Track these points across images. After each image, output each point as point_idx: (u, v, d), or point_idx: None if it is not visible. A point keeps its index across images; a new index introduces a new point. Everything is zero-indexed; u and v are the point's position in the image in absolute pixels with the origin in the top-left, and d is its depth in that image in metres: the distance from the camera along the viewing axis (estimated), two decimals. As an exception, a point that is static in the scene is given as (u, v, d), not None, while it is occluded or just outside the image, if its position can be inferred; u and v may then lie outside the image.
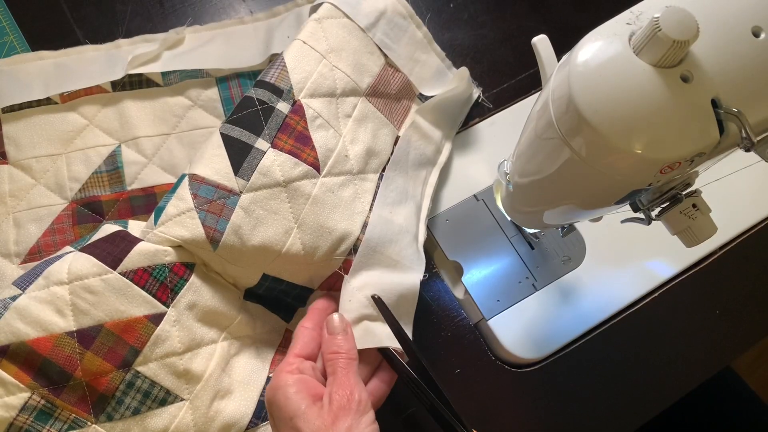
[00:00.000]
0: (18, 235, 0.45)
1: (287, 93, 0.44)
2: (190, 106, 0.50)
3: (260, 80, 0.44)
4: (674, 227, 0.31)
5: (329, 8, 0.48)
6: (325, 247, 0.43)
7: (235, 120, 0.42)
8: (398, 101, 0.52)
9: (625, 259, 0.51)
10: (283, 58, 0.45)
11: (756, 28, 0.26)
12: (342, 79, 0.47)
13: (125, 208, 0.47)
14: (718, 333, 0.48)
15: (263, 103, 0.43)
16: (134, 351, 0.37)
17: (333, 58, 0.47)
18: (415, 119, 0.50)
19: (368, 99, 0.49)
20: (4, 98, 0.47)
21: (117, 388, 0.37)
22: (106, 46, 0.51)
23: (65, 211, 0.46)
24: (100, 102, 0.49)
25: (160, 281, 0.39)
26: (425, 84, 0.53)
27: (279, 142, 0.42)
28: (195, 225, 0.39)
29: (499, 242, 0.51)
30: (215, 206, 0.40)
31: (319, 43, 0.46)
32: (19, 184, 0.47)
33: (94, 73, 0.49)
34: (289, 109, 0.44)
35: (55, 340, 0.36)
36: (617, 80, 0.26)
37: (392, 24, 0.51)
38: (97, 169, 0.47)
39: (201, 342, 0.40)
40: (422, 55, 0.53)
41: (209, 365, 0.40)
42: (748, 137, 0.25)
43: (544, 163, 0.33)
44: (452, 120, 0.53)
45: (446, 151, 0.52)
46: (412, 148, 0.50)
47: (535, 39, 0.36)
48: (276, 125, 0.43)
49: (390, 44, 0.51)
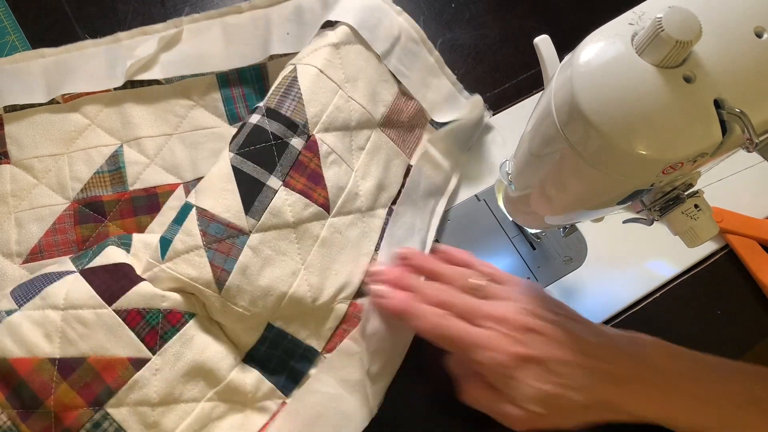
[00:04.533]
0: (20, 235, 0.45)
1: (302, 128, 0.43)
2: (192, 105, 0.50)
3: (275, 111, 0.42)
4: (676, 228, 0.31)
5: (347, 33, 0.46)
6: (331, 290, 0.43)
7: (247, 154, 0.41)
8: (411, 129, 0.51)
9: (626, 259, 0.51)
10: (299, 88, 0.43)
11: (759, 28, 0.26)
12: (357, 111, 0.46)
13: (127, 209, 0.47)
14: (719, 333, 0.48)
15: (277, 138, 0.42)
16: (109, 391, 0.36)
17: (349, 88, 0.46)
18: (427, 149, 0.49)
19: (382, 130, 0.48)
20: (6, 98, 0.47)
21: (83, 426, 0.36)
22: (106, 39, 0.51)
23: (67, 211, 0.46)
24: (102, 102, 0.49)
25: (151, 326, 0.38)
26: (437, 110, 0.52)
27: (291, 181, 0.42)
28: (203, 264, 0.39)
29: (500, 242, 0.51)
30: (224, 245, 0.39)
31: (336, 72, 0.45)
32: (21, 184, 0.47)
33: (95, 75, 0.49)
34: (303, 145, 0.43)
35: (36, 364, 0.36)
36: (620, 80, 0.26)
37: (406, 50, 0.50)
38: (99, 169, 0.47)
39: (179, 398, 0.38)
40: (434, 80, 0.52)
41: (181, 424, 0.38)
42: (750, 138, 0.25)
43: (546, 163, 0.33)
44: (463, 146, 0.52)
45: (455, 179, 0.51)
46: (423, 178, 0.49)
47: (537, 39, 0.36)
48: (289, 162, 0.42)
49: (404, 71, 0.50)
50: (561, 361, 0.37)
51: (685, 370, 0.39)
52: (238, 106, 0.50)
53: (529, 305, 0.39)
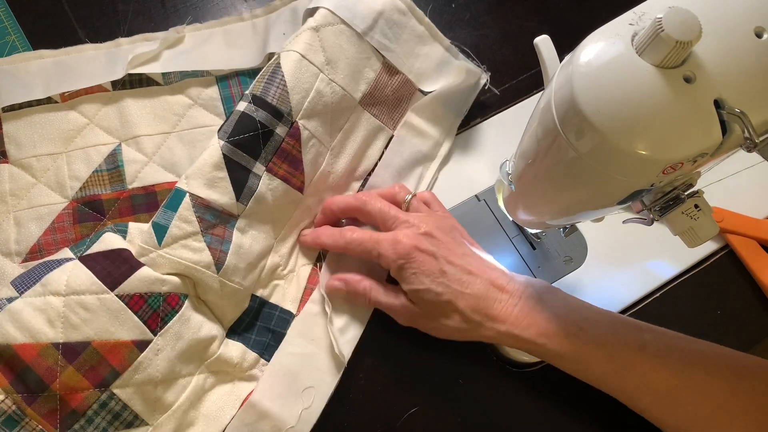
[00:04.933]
0: (19, 234, 0.45)
1: (287, 116, 0.44)
2: (191, 104, 0.50)
3: (261, 98, 0.43)
4: (676, 228, 0.31)
5: (326, 14, 0.46)
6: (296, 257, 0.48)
7: (236, 142, 0.42)
8: (397, 102, 0.51)
9: (626, 259, 0.51)
10: (284, 75, 0.44)
11: (759, 28, 0.26)
12: (338, 93, 0.47)
13: (126, 207, 0.47)
14: (720, 333, 0.48)
15: (264, 127, 0.43)
16: (115, 373, 0.38)
17: (329, 70, 0.46)
18: (407, 118, 0.50)
19: (364, 107, 0.49)
20: (5, 97, 0.47)
21: (90, 407, 0.37)
22: (107, 44, 0.51)
23: (66, 210, 0.46)
24: (100, 101, 0.49)
25: (153, 309, 0.39)
26: (426, 79, 0.52)
27: (273, 167, 0.44)
28: (201, 248, 0.41)
29: (500, 242, 0.51)
30: (219, 230, 0.42)
31: (317, 55, 0.45)
32: (20, 183, 0.47)
33: (94, 72, 0.49)
34: (286, 132, 0.44)
35: (40, 349, 0.36)
36: (620, 81, 0.26)
37: (391, 22, 0.50)
38: (97, 168, 0.47)
39: (179, 374, 0.41)
40: (423, 48, 0.52)
41: (180, 397, 0.41)
42: (750, 138, 0.25)
43: (546, 163, 0.33)
44: (456, 110, 0.52)
45: (447, 143, 0.52)
46: (406, 146, 0.50)
47: (537, 39, 0.36)
48: (272, 149, 0.44)
49: (388, 44, 0.50)
50: (451, 262, 0.41)
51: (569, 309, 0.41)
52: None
53: (431, 224, 0.43)
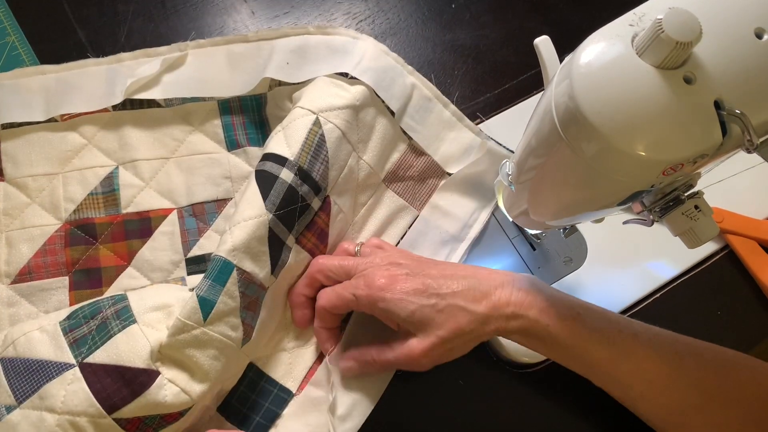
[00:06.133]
0: (9, 255, 0.45)
1: (323, 191, 0.44)
2: (191, 130, 0.49)
3: (307, 172, 0.42)
4: (676, 229, 0.31)
5: (365, 94, 0.46)
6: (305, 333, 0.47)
7: (281, 216, 0.41)
8: (423, 182, 0.51)
9: (626, 260, 0.51)
10: (327, 152, 0.44)
11: (759, 29, 0.26)
12: (365, 170, 0.47)
13: (119, 232, 0.46)
14: (720, 334, 0.48)
15: (303, 200, 0.43)
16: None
17: (361, 148, 0.47)
18: (432, 199, 0.50)
19: (387, 185, 0.50)
20: (5, 114, 0.47)
21: None
22: (108, 59, 0.49)
23: (58, 232, 0.46)
24: (100, 122, 0.48)
25: (149, 425, 0.38)
26: (452, 162, 0.51)
27: (303, 239, 0.44)
28: (237, 324, 0.40)
29: (500, 243, 0.51)
30: (253, 304, 0.41)
31: (353, 134, 0.46)
32: (14, 203, 0.46)
33: (94, 94, 0.48)
34: (319, 206, 0.44)
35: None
36: (620, 82, 0.26)
37: (418, 107, 0.50)
38: (93, 191, 0.47)
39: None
40: (450, 133, 0.51)
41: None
42: (750, 139, 0.25)
43: (546, 164, 0.33)
44: (483, 190, 0.51)
45: (479, 224, 0.50)
46: (431, 228, 0.49)
47: (537, 40, 0.36)
48: (305, 222, 0.44)
49: (414, 126, 0.50)
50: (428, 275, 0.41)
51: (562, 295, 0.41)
52: (238, 133, 0.50)
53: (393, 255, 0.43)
